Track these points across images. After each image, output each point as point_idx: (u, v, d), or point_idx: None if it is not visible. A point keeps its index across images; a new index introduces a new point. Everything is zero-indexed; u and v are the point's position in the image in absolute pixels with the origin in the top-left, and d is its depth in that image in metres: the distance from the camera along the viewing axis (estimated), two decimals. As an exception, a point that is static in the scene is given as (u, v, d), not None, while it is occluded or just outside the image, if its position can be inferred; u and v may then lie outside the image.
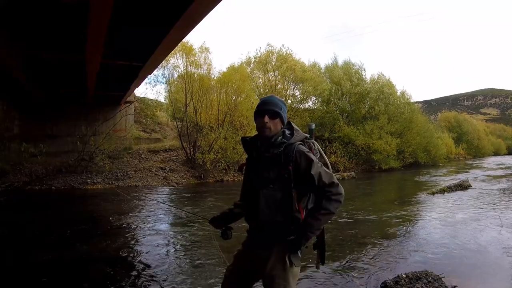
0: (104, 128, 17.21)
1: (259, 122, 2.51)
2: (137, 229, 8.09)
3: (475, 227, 8.43)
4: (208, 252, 6.30)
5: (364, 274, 5.29)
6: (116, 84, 13.70)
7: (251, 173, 2.63)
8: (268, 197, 2.41)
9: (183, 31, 7.96)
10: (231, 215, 2.86)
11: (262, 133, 2.51)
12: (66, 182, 14.88)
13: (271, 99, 2.59)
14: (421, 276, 4.79)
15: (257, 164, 2.55)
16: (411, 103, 33.25)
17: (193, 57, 19.18)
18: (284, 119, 2.56)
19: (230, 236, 2.85)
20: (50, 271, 5.33)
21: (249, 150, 2.67)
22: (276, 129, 2.51)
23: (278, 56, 26.29)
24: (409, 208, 11.10)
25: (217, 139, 18.35)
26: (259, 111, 2.53)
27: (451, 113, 64.15)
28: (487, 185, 16.87)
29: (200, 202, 12.06)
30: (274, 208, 2.40)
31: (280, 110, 2.52)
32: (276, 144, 2.46)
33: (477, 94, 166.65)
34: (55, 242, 7.03)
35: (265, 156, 2.48)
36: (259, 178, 2.48)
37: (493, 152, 66.49)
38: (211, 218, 2.95)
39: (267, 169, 2.45)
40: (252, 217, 2.56)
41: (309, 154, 2.41)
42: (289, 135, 2.53)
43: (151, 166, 17.69)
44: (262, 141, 2.55)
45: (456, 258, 6.17)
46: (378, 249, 6.66)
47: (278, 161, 2.41)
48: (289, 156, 2.39)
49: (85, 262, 5.82)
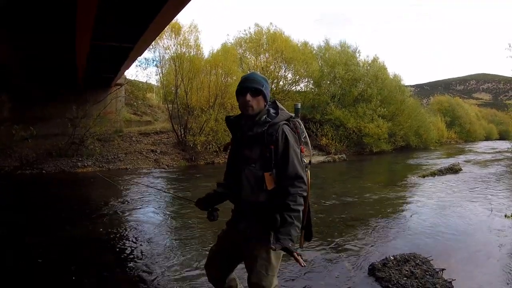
0: (94, 110, 17.03)
1: (241, 100, 2.48)
2: (125, 212, 8.06)
3: (464, 210, 8.45)
4: (196, 233, 6.34)
5: (352, 256, 5.30)
6: (106, 65, 13.57)
7: (235, 153, 2.61)
8: (249, 176, 2.41)
9: (175, 9, 7.83)
10: (216, 196, 2.81)
11: (245, 111, 2.48)
12: (57, 166, 14.81)
13: (253, 76, 2.55)
14: (409, 259, 4.80)
15: (240, 144, 2.53)
16: (402, 86, 33.20)
17: (182, 37, 19.01)
18: (267, 97, 2.53)
19: (216, 218, 2.81)
20: (38, 253, 5.30)
21: (233, 129, 2.65)
22: (259, 107, 2.48)
23: (268, 37, 26.01)
24: (398, 190, 11.13)
25: (208, 121, 18.29)
26: (240, 89, 2.49)
27: (444, 97, 63.91)
28: (477, 169, 16.94)
29: (190, 185, 12.06)
30: (256, 187, 2.39)
31: (262, 87, 2.49)
32: (260, 123, 2.43)
33: (470, 79, 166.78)
34: (45, 225, 7.02)
35: (248, 135, 2.44)
36: (242, 157, 2.47)
37: (484, 136, 66.64)
38: (197, 200, 2.90)
39: (249, 148, 2.44)
40: (235, 196, 2.54)
41: (289, 137, 2.39)
42: (274, 114, 2.49)
43: (142, 149, 17.65)
44: (246, 120, 2.52)
45: (444, 241, 6.20)
46: (367, 231, 6.67)
47: (260, 140, 2.38)
48: (272, 136, 2.36)
49: (74, 245, 5.80)
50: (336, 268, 4.87)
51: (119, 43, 10.39)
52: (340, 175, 16.12)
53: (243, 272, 2.78)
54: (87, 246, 5.77)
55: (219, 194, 2.78)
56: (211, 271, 2.76)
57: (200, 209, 2.87)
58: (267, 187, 2.35)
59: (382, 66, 31.40)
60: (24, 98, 16.01)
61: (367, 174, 16.81)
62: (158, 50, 19.69)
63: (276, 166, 2.35)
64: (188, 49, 19.11)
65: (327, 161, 20.61)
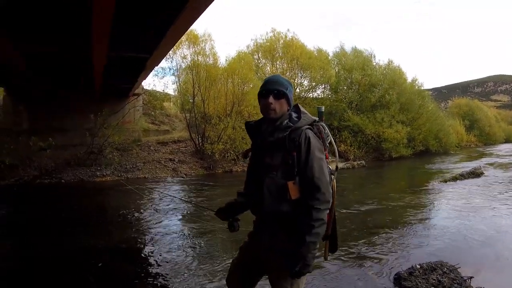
0: (112, 120, 17.08)
1: (263, 103, 2.35)
2: (144, 222, 8.06)
3: (490, 215, 8.27)
4: (216, 244, 6.25)
5: (376, 265, 5.18)
6: (124, 76, 13.61)
7: (255, 160, 2.47)
8: (271, 185, 2.24)
9: (191, 17, 7.80)
10: (237, 205, 2.67)
11: (266, 115, 2.34)
12: (76, 175, 14.92)
13: (276, 78, 2.42)
14: (436, 267, 4.69)
15: (261, 150, 2.39)
16: (422, 91, 32.84)
17: (198, 46, 19.02)
18: (290, 100, 2.40)
19: (237, 228, 2.67)
20: (57, 263, 5.32)
21: (253, 135, 2.51)
22: (282, 111, 2.34)
23: (284, 43, 25.90)
24: (420, 196, 10.98)
25: (226, 129, 18.24)
26: (263, 91, 2.36)
27: (463, 99, 63.15)
28: (500, 173, 16.63)
29: (209, 193, 11.98)
30: (278, 197, 2.22)
31: (286, 90, 2.35)
32: (281, 128, 2.29)
33: (488, 81, 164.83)
34: (64, 234, 7.02)
35: (269, 141, 2.31)
36: (263, 165, 2.32)
37: (504, 139, 65.65)
38: (217, 209, 2.77)
39: (270, 155, 2.29)
40: (257, 207, 2.39)
41: (312, 142, 2.23)
42: (296, 118, 2.34)
43: (160, 158, 17.65)
44: (267, 125, 2.38)
45: (471, 248, 6.05)
46: (390, 238, 6.54)
47: (282, 146, 2.24)
48: (294, 141, 2.21)
49: (92, 254, 5.76)
50: (360, 278, 4.75)
51: (136, 53, 10.41)
52: (360, 181, 15.90)
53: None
54: (105, 256, 5.71)
55: (240, 203, 2.65)
56: (232, 285, 2.62)
57: (220, 219, 2.75)
58: (291, 196, 2.19)
59: (399, 70, 31.07)
60: (42, 108, 16.11)
61: (387, 180, 16.60)
62: (175, 60, 19.81)
63: (299, 174, 2.21)
64: (204, 58, 19.11)
65: (346, 167, 20.33)
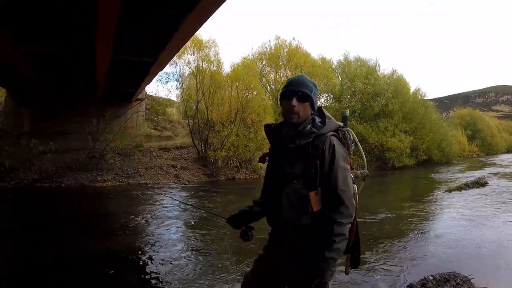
0: (115, 125, 16.96)
1: (285, 106, 2.18)
2: (147, 228, 7.92)
3: (498, 224, 8.24)
4: (221, 253, 6.08)
5: (387, 276, 5.06)
6: (127, 80, 13.57)
7: (274, 166, 2.29)
8: (291, 195, 2.08)
9: (197, 23, 7.73)
10: (250, 214, 2.49)
11: (288, 119, 2.18)
12: (76, 180, 14.76)
13: (301, 79, 2.25)
14: (449, 278, 4.59)
15: (280, 156, 2.21)
16: (425, 100, 32.95)
17: (203, 52, 18.97)
18: (314, 104, 2.23)
19: (251, 237, 2.48)
20: (58, 270, 5.19)
21: (272, 139, 2.34)
22: (306, 115, 2.18)
23: (288, 51, 25.91)
24: (426, 206, 10.91)
25: (229, 136, 18.11)
26: (286, 93, 2.20)
27: (465, 110, 63.34)
28: (504, 182, 16.62)
29: (212, 200, 11.82)
30: (299, 208, 2.07)
31: (311, 93, 2.19)
32: (304, 134, 2.14)
33: (489, 91, 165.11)
34: (65, 240, 6.87)
35: (290, 147, 2.15)
36: (282, 173, 2.15)
37: (505, 149, 65.86)
38: (229, 216, 2.58)
39: (291, 163, 2.12)
40: (274, 217, 2.24)
41: (337, 151, 2.07)
42: (319, 123, 2.19)
43: (162, 164, 17.51)
44: (288, 129, 2.22)
45: (483, 257, 5.98)
46: (400, 249, 6.43)
47: (304, 153, 2.08)
48: (318, 149, 2.06)
49: (94, 261, 5.64)
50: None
51: (140, 57, 10.34)
52: (364, 190, 15.70)
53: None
54: (107, 264, 5.54)
55: (254, 212, 2.47)
56: None
57: (232, 227, 2.56)
58: (313, 208, 2.04)
59: (402, 80, 31.05)
60: (44, 111, 16.03)
61: (392, 190, 16.48)
62: (179, 65, 19.74)
63: (321, 184, 2.05)
64: (208, 64, 19.05)
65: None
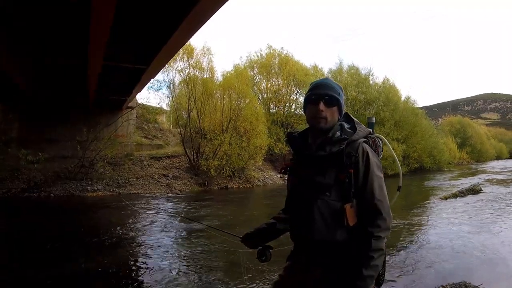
0: (105, 133, 16.76)
1: (312, 111, 2.00)
2: (139, 241, 7.65)
3: (500, 231, 8.26)
4: (216, 266, 5.91)
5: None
6: (118, 87, 13.41)
7: (300, 178, 2.05)
8: (324, 209, 1.87)
9: (189, 31, 7.64)
10: (269, 231, 2.29)
11: (316, 124, 1.98)
12: (65, 189, 14.47)
13: (327, 82, 2.05)
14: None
15: (308, 166, 1.99)
16: (415, 108, 33.19)
17: (195, 60, 18.87)
18: (342, 108, 2.04)
19: (269, 258, 2.25)
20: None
21: (297, 148, 2.12)
22: (333, 121, 2.00)
23: (280, 60, 26.00)
24: (424, 214, 10.98)
25: (222, 144, 17.93)
26: (311, 97, 2.00)
27: (455, 117, 64.37)
28: (498, 189, 16.86)
29: (206, 211, 11.58)
30: (333, 223, 1.86)
31: (339, 96, 2.00)
32: (334, 141, 1.93)
33: (477, 99, 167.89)
34: (53, 255, 6.58)
35: (320, 156, 1.94)
36: (312, 184, 1.93)
37: (495, 156, 66.74)
38: (244, 235, 2.35)
39: (322, 173, 1.91)
40: (303, 234, 1.98)
41: (371, 158, 1.89)
42: (349, 129, 1.99)
43: (153, 173, 17.26)
44: (315, 137, 2.03)
45: (490, 266, 5.90)
46: (404, 259, 6.30)
47: (337, 162, 1.89)
48: (351, 157, 1.87)
49: (85, 278, 5.41)
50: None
51: (132, 64, 10.16)
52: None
53: None
54: (99, 280, 5.33)
55: (276, 230, 2.28)
56: None
57: (247, 246, 2.35)
58: (349, 223, 1.84)
59: (393, 89, 31.28)
60: (34, 117, 15.73)
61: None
62: (171, 73, 19.57)
63: (356, 195, 1.86)
64: (201, 72, 18.95)
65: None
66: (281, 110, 25.86)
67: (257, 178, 20.05)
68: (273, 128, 23.67)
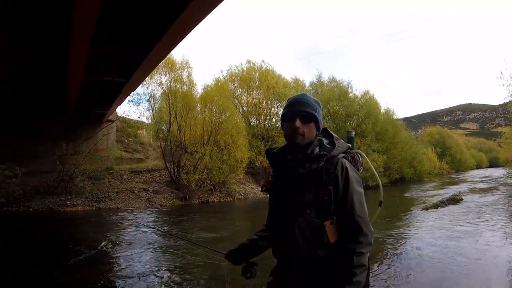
0: (84, 147, 16.52)
1: (289, 128, 2.00)
2: (119, 256, 7.55)
3: (481, 240, 8.39)
4: (198, 280, 5.88)
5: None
6: (98, 100, 13.31)
7: (280, 195, 2.04)
8: (304, 226, 1.87)
9: (170, 45, 7.70)
10: (252, 248, 2.31)
11: (292, 140, 1.98)
12: (44, 204, 14.24)
13: (304, 98, 2.05)
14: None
15: (288, 183, 1.99)
16: (395, 120, 33.57)
17: (175, 72, 18.89)
18: (320, 124, 2.04)
19: (254, 275, 2.27)
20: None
21: (276, 164, 2.12)
22: (311, 136, 1.99)
23: (260, 73, 26.17)
24: (405, 225, 11.06)
25: (202, 158, 17.87)
26: (288, 113, 2.01)
27: (435, 128, 65.31)
28: (478, 198, 17.10)
29: (187, 225, 11.49)
30: (314, 240, 1.85)
31: (315, 112, 2.00)
32: (313, 157, 1.93)
33: (456, 110, 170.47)
34: (31, 272, 6.44)
35: (299, 173, 1.94)
36: (292, 202, 1.93)
37: (475, 165, 67.77)
38: (228, 251, 2.38)
39: (301, 190, 1.91)
40: (283, 251, 1.99)
41: (351, 174, 1.90)
42: (328, 145, 2.00)
43: (134, 187, 17.09)
44: (294, 153, 2.03)
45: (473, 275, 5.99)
46: (386, 270, 6.36)
47: (316, 179, 1.89)
48: (330, 173, 1.87)
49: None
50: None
51: (112, 77, 10.11)
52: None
53: None
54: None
55: (258, 247, 2.29)
56: None
57: (231, 263, 2.37)
58: (329, 239, 1.84)
59: (374, 101, 31.61)
60: (11, 132, 15.25)
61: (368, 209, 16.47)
62: (151, 86, 19.46)
63: (336, 212, 1.86)
64: (181, 85, 18.92)
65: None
66: (262, 123, 25.96)
67: (238, 192, 20.05)
68: (253, 141, 23.71)
